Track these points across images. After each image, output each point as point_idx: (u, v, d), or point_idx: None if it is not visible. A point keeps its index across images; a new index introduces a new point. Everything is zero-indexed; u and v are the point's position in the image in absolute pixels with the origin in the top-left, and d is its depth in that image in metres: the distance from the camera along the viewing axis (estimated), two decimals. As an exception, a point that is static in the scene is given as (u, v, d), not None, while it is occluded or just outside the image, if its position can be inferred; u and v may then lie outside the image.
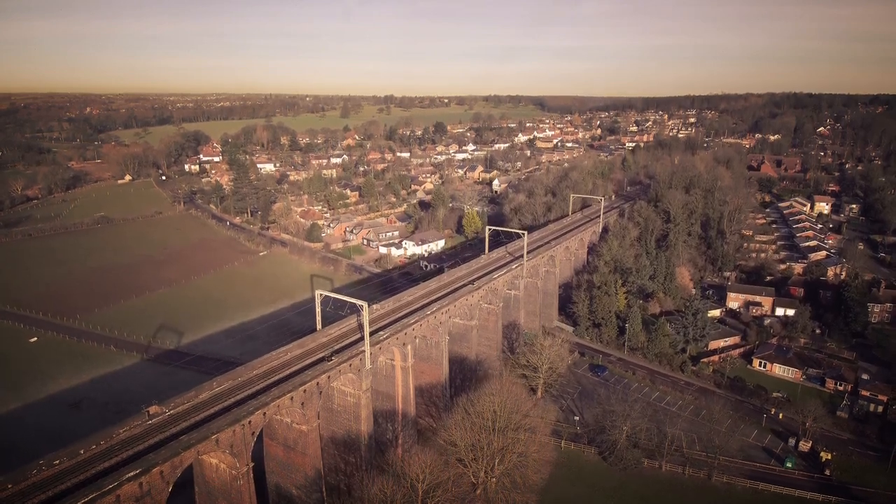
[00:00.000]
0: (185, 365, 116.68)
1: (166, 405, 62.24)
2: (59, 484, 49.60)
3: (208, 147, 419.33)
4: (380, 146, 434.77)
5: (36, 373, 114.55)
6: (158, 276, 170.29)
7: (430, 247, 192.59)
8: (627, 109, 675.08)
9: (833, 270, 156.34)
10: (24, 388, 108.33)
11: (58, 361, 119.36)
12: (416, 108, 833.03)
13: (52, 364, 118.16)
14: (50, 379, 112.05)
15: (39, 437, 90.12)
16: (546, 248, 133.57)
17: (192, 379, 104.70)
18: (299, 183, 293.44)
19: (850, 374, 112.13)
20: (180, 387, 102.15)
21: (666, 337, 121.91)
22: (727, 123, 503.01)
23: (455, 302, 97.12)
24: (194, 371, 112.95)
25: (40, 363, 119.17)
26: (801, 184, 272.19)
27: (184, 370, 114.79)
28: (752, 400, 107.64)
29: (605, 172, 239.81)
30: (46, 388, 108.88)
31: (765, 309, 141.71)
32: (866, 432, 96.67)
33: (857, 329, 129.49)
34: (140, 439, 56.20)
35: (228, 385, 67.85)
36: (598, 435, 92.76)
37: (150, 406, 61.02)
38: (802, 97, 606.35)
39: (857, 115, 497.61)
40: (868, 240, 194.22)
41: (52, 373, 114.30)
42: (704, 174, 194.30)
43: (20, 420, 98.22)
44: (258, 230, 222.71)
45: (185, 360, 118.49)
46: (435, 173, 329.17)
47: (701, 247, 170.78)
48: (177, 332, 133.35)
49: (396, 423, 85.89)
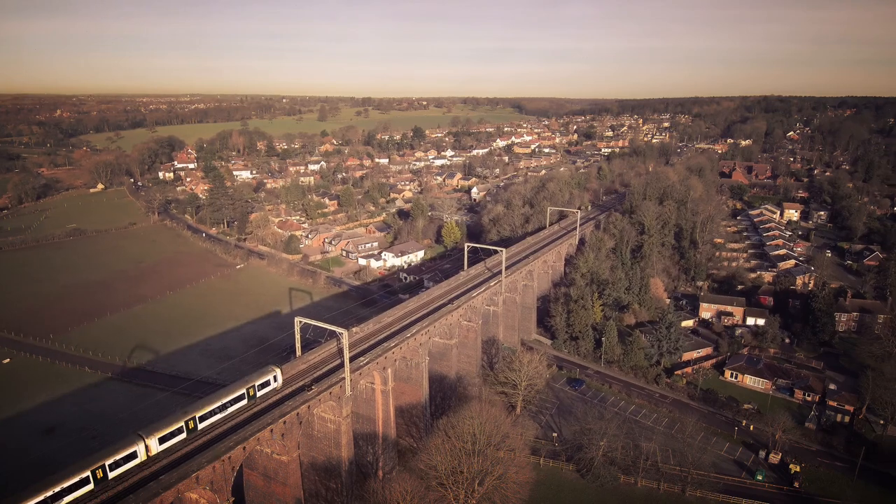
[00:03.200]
0: (161, 386, 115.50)
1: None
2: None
3: (183, 153, 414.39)
4: (358, 152, 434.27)
5: (8, 396, 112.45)
6: (133, 291, 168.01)
7: (410, 258, 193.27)
8: (603, 113, 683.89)
9: (802, 279, 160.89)
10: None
11: (31, 384, 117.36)
12: (394, 111, 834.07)
13: (25, 387, 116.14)
14: (23, 402, 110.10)
15: (11, 465, 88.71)
16: (524, 263, 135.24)
17: (168, 400, 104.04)
18: (277, 191, 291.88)
19: (817, 385, 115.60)
20: (156, 409, 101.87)
21: (641, 350, 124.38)
22: (700, 128, 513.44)
23: (435, 322, 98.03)
24: (171, 392, 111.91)
25: (13, 386, 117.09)
26: (771, 190, 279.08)
27: (160, 391, 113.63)
28: (724, 412, 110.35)
29: (581, 182, 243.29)
30: (19, 412, 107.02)
31: (736, 319, 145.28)
32: (834, 443, 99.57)
33: (824, 338, 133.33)
34: (119, 479, 55.90)
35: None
36: (575, 452, 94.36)
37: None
38: (773, 101, 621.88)
39: (826, 118, 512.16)
40: (835, 247, 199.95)
41: (26, 396, 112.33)
42: (677, 185, 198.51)
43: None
44: (235, 242, 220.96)
45: (161, 381, 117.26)
46: (414, 180, 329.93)
47: (674, 257, 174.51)
48: (152, 350, 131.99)
49: (377, 445, 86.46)
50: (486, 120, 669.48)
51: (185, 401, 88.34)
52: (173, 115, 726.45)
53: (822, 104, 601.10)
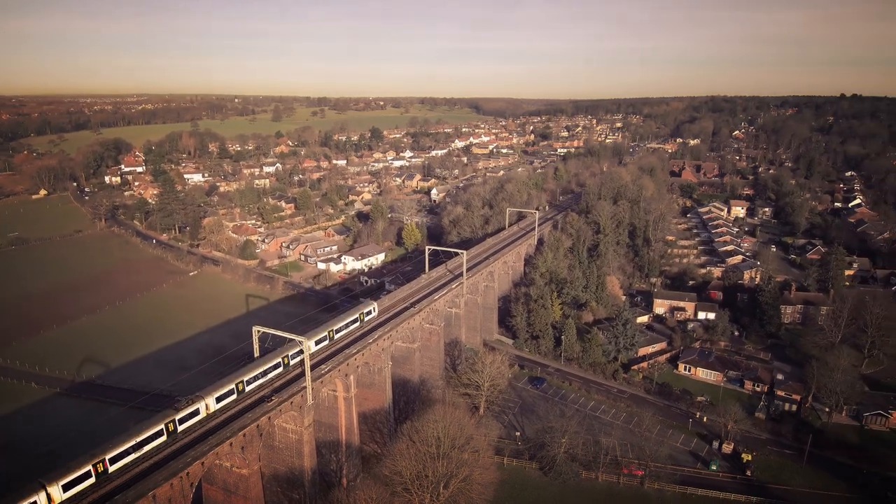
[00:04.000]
0: (114, 400, 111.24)
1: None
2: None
3: (130, 156, 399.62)
4: (314, 153, 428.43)
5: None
6: (81, 302, 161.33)
7: (371, 261, 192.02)
8: (558, 114, 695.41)
9: (749, 274, 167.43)
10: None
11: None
12: (351, 111, 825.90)
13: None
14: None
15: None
16: (485, 264, 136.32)
17: (122, 416, 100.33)
18: (230, 195, 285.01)
19: (766, 375, 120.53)
20: (110, 425, 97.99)
21: (599, 347, 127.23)
22: (651, 128, 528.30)
23: (397, 326, 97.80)
24: (124, 406, 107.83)
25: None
26: (718, 188, 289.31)
27: (113, 406, 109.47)
28: (678, 404, 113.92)
29: (538, 183, 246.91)
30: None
31: (688, 313, 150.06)
32: (782, 431, 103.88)
33: (771, 330, 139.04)
34: (75, 500, 53.68)
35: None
36: (538, 450, 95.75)
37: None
38: (719, 101, 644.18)
39: (769, 118, 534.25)
40: (780, 242, 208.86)
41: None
42: (630, 184, 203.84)
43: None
44: (187, 248, 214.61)
45: (114, 396, 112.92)
46: (373, 182, 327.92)
47: (629, 255, 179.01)
48: (103, 363, 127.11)
49: (340, 453, 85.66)
50: (444, 120, 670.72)
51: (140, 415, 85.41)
52: (119, 116, 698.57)
53: (766, 104, 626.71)
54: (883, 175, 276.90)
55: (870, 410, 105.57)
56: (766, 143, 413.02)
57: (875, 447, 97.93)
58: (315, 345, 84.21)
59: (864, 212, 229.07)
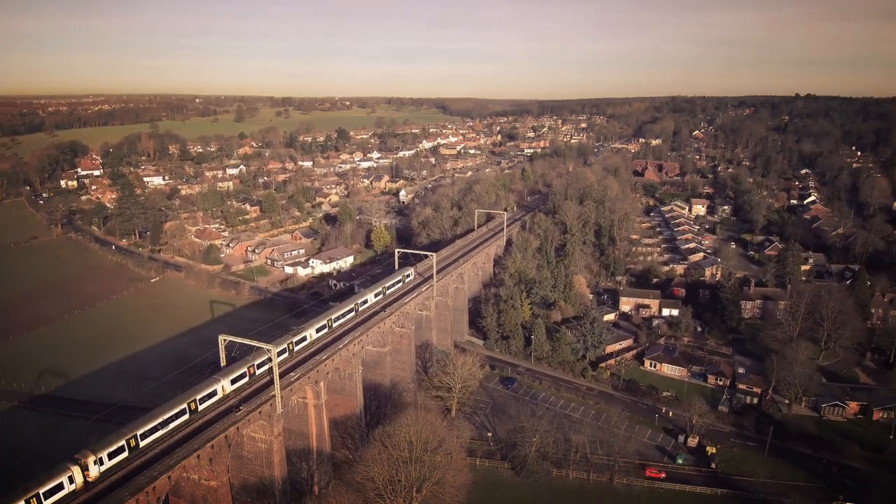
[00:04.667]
0: (75, 413, 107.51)
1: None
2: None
3: (87, 159, 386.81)
4: (280, 155, 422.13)
5: None
6: (37, 311, 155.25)
7: (339, 264, 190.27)
8: (525, 115, 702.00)
9: (710, 271, 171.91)
10: None
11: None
12: (316, 111, 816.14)
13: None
14: None
15: None
16: (455, 266, 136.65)
17: (84, 429, 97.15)
18: (192, 198, 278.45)
19: (728, 369, 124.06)
20: (73, 440, 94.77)
21: (568, 345, 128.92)
22: (614, 129, 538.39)
23: (368, 331, 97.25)
24: (86, 420, 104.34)
25: None
26: (680, 187, 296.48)
27: (74, 419, 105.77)
28: (645, 400, 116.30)
29: (506, 184, 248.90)
30: None
31: (653, 310, 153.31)
32: (745, 424, 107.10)
33: (732, 325, 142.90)
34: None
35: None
36: (510, 450, 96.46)
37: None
38: (680, 101, 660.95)
39: (728, 118, 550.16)
40: (739, 239, 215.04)
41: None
42: (595, 185, 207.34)
43: None
44: (148, 254, 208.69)
45: (74, 408, 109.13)
46: (340, 184, 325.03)
47: (595, 254, 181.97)
48: (62, 375, 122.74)
49: (312, 461, 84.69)
50: (411, 121, 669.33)
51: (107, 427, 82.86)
52: (75, 117, 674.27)
53: (724, 104, 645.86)
54: (836, 172, 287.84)
55: (827, 401, 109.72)
56: (725, 143, 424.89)
57: (833, 437, 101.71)
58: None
59: (819, 208, 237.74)
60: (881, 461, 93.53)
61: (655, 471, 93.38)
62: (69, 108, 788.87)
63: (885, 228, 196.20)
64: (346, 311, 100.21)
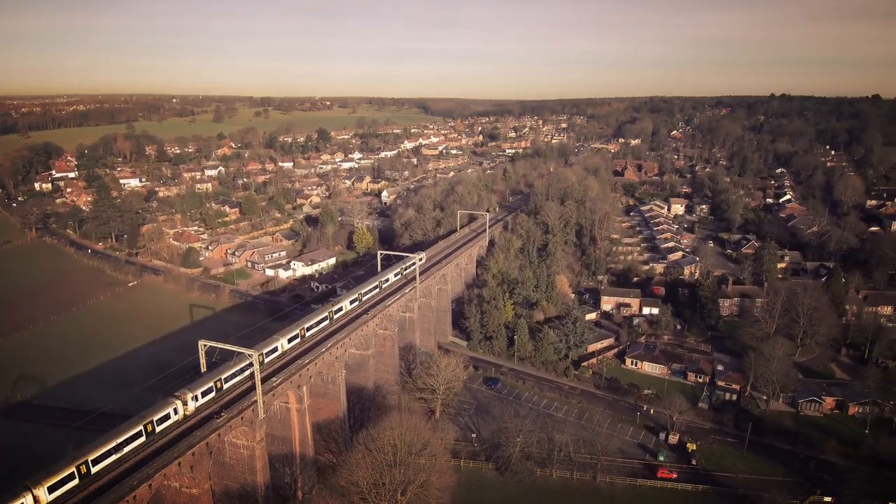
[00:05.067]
0: (54, 421, 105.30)
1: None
2: None
3: (62, 161, 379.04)
4: (259, 155, 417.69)
5: None
6: (12, 317, 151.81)
7: (321, 266, 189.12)
8: (506, 115, 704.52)
9: (689, 269, 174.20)
10: None
11: None
12: (296, 112, 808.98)
13: None
14: None
15: None
16: (438, 268, 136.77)
17: (64, 437, 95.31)
18: (170, 200, 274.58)
19: (707, 367, 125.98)
20: (52, 449, 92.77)
21: (550, 345, 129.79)
22: (594, 129, 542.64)
23: (351, 334, 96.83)
24: (66, 428, 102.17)
25: None
26: (659, 187, 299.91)
27: (53, 427, 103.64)
28: (627, 398, 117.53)
29: (488, 185, 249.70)
30: None
31: (633, 309, 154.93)
32: (724, 420, 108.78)
33: (711, 323, 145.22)
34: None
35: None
36: (494, 451, 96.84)
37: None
38: (658, 101, 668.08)
39: (705, 117, 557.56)
40: (717, 238, 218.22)
41: None
42: (576, 185, 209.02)
43: None
44: (126, 257, 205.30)
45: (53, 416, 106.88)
46: (321, 185, 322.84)
47: (576, 253, 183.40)
48: (39, 382, 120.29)
49: (295, 466, 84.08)
50: (392, 121, 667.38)
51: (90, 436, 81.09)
52: (49, 118, 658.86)
53: (701, 104, 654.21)
54: (811, 171, 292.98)
55: (804, 397, 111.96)
56: (703, 143, 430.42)
57: (810, 432, 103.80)
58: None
59: (794, 207, 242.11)
60: (857, 455, 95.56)
61: (666, 471, 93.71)
62: (43, 108, 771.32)
63: (859, 226, 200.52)
64: (353, 300, 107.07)
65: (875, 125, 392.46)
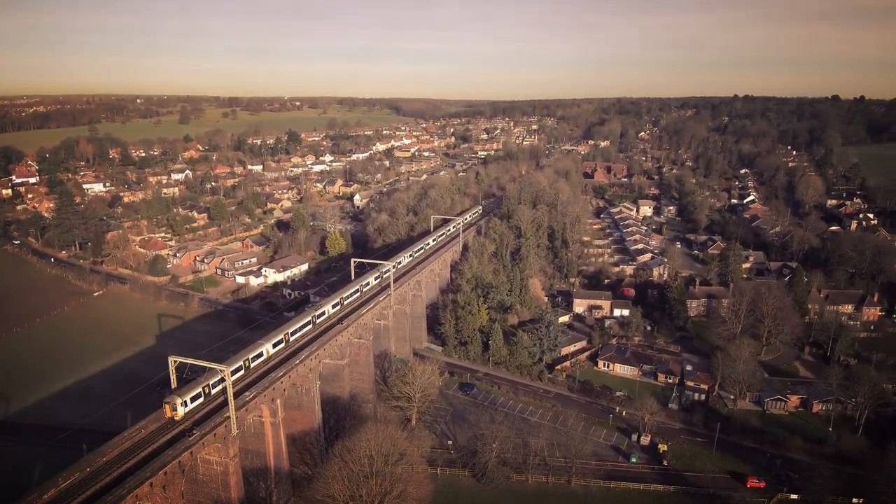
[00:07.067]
0: (21, 438, 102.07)
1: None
2: None
3: (22, 166, 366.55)
4: (227, 158, 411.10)
5: None
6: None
7: (293, 272, 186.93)
8: (477, 116, 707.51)
9: (658, 271, 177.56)
10: None
11: None
12: (265, 112, 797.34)
13: None
14: None
15: None
16: (412, 274, 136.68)
17: (30, 456, 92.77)
18: (136, 206, 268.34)
19: (676, 367, 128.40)
20: (16, 468, 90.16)
21: (525, 349, 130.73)
22: (564, 130, 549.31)
23: (325, 344, 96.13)
24: (30, 445, 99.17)
25: None
26: (628, 189, 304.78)
27: (17, 445, 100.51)
28: (600, 400, 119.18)
29: (461, 188, 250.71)
30: None
31: (605, 311, 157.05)
32: (693, 420, 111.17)
33: (679, 324, 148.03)
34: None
35: (77, 478, 61.10)
36: (470, 458, 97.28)
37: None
38: (626, 103, 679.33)
39: (671, 119, 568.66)
40: (684, 239, 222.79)
41: None
42: (548, 188, 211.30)
43: None
44: (90, 266, 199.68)
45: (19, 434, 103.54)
46: (292, 188, 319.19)
47: (549, 256, 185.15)
48: (4, 397, 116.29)
49: (270, 480, 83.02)
50: (363, 122, 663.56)
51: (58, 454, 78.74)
52: (7, 120, 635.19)
53: (668, 105, 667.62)
54: (773, 172, 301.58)
55: (770, 396, 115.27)
56: (669, 144, 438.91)
57: (776, 430, 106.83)
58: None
59: (758, 207, 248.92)
60: (821, 453, 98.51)
61: (756, 480, 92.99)
62: (1, 110, 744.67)
63: (820, 226, 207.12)
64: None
65: (834, 125, 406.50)
